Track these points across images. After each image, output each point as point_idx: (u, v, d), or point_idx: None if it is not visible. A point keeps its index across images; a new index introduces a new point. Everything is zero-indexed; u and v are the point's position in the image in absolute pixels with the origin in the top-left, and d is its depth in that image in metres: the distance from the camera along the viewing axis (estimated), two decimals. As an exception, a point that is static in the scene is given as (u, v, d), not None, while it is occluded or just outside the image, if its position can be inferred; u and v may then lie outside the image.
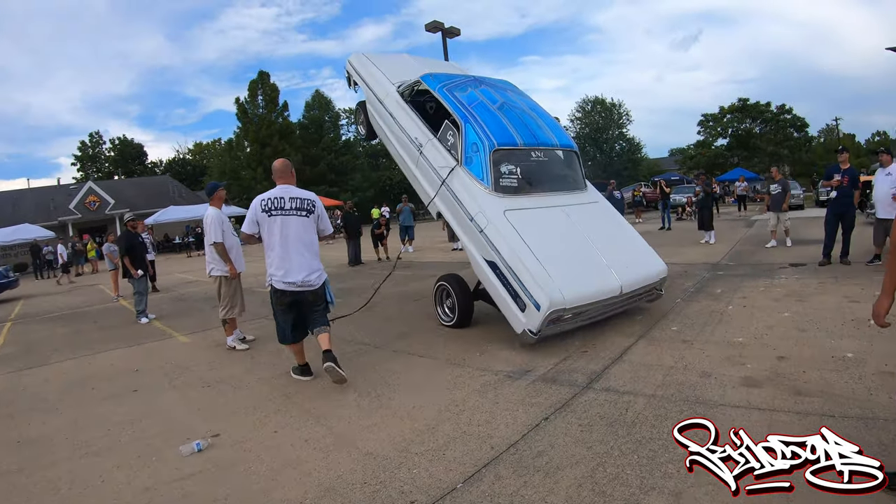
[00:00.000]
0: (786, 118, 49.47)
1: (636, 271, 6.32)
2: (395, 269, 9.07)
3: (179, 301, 12.20)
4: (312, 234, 5.02)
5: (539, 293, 5.26)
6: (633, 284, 6.09)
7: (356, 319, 7.76)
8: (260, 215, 4.86)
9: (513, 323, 5.64)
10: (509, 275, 5.57)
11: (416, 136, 7.35)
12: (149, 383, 5.76)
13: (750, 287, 7.97)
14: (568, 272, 5.62)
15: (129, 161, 63.81)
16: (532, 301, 5.31)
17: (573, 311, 5.50)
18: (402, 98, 7.93)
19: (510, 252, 5.62)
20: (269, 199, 4.89)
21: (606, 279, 5.87)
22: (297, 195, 4.95)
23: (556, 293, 5.26)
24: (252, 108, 46.16)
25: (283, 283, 4.85)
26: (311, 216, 4.98)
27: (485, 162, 6.33)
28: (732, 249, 12.54)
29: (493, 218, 5.94)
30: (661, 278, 6.69)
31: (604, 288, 5.80)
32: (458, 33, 21.33)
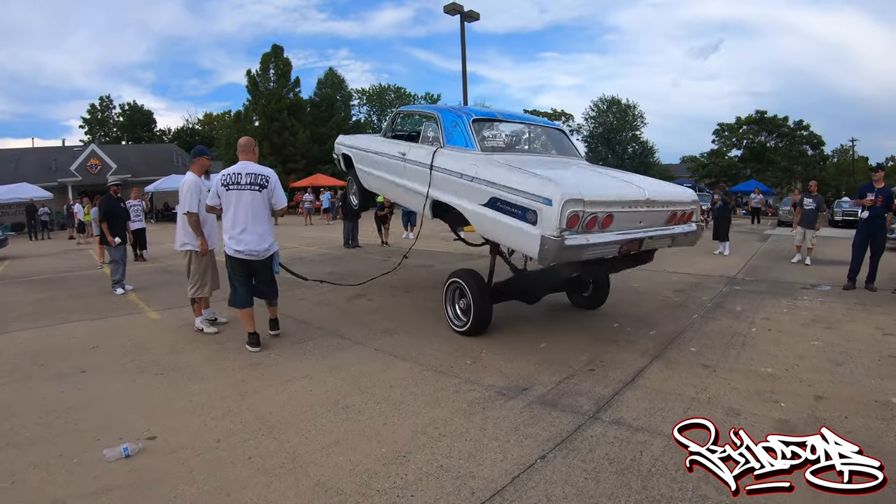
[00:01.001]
0: (802, 134, 48.67)
1: (662, 186, 5.91)
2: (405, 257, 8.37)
3: (163, 273, 11.59)
4: (263, 208, 5.36)
5: (548, 189, 4.54)
6: (659, 193, 5.48)
7: (340, 309, 7.23)
8: (220, 188, 5.28)
9: (529, 248, 4.72)
10: (512, 194, 4.87)
11: (399, 152, 7.01)
12: (101, 364, 5.17)
13: (772, 307, 7.40)
14: (579, 180, 5.18)
15: (138, 127, 63.22)
16: (542, 200, 4.53)
17: (594, 205, 4.67)
18: (386, 136, 7.88)
19: (507, 173, 5.11)
20: (229, 174, 5.30)
21: (628, 185, 5.39)
22: (253, 171, 5.35)
23: (568, 186, 4.59)
24: (263, 81, 45.28)
25: (233, 251, 5.28)
26: (263, 191, 5.33)
27: (466, 132, 6.06)
28: (748, 263, 11.99)
29: (483, 162, 5.54)
30: (693, 200, 5.96)
31: (627, 190, 5.23)
32: (478, 17, 20.76)
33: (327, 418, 3.84)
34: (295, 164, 43.27)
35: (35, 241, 24.58)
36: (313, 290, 7.99)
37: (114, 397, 4.32)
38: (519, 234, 4.82)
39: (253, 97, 45.13)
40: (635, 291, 8.40)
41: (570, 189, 4.55)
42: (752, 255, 13.52)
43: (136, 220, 13.93)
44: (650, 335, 5.98)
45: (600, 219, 4.77)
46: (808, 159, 48.89)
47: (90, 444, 3.46)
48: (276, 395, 4.27)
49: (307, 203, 29.79)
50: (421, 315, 6.84)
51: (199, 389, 4.42)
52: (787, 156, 48.05)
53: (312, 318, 6.86)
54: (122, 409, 4.05)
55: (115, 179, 9.73)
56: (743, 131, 50.56)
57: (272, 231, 5.52)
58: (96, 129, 62.22)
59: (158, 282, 10.27)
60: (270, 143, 42.17)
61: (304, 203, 29.97)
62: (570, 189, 4.55)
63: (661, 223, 5.56)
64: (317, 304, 7.72)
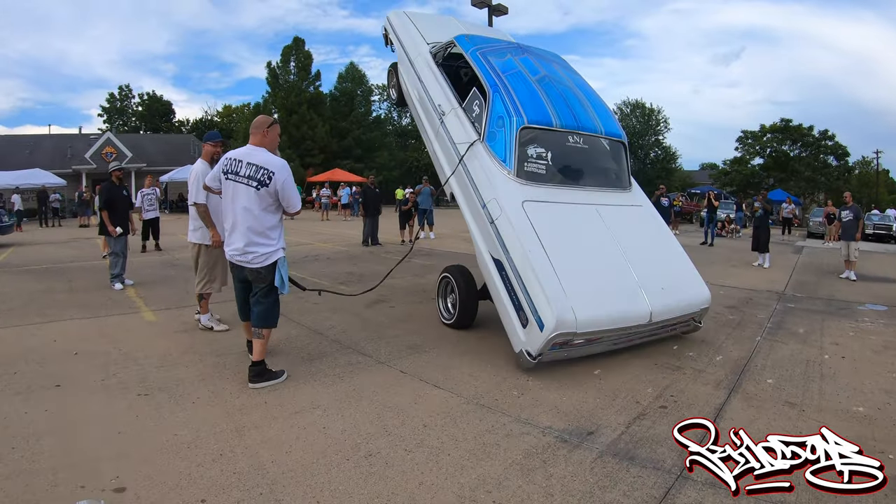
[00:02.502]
0: (827, 144, 47.63)
1: (672, 296, 5.27)
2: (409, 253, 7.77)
3: (169, 266, 10.85)
4: (260, 209, 4.19)
5: (546, 311, 4.40)
6: (665, 312, 5.09)
7: (359, 316, 6.45)
8: (220, 175, 4.33)
9: (511, 338, 4.83)
10: (515, 281, 4.76)
11: (439, 103, 6.59)
12: (80, 376, 4.40)
13: (836, 329, 6.72)
14: (587, 287, 4.78)
15: (156, 117, 62.94)
16: (536, 318, 4.46)
17: (585, 336, 4.58)
18: (434, 60, 7.18)
19: (521, 253, 4.79)
20: (230, 159, 4.29)
21: (634, 302, 4.92)
22: (256, 161, 4.20)
23: (567, 313, 4.38)
24: (283, 73, 44.81)
25: (227, 252, 4.39)
26: (262, 189, 4.15)
27: (510, 140, 5.50)
28: (793, 278, 11.28)
29: (508, 208, 5.11)
30: (703, 308, 5.63)
31: (629, 312, 4.86)
32: (506, 11, 20.11)
33: (345, 472, 2.97)
34: (313, 158, 42.84)
35: (45, 227, 24.10)
36: (327, 296, 7.20)
37: (84, 425, 3.52)
38: (505, 316, 4.91)
39: (273, 89, 44.86)
40: (684, 307, 7.55)
41: (566, 319, 4.36)
42: (794, 269, 12.87)
43: (150, 209, 13.43)
44: (717, 361, 5.24)
45: (588, 339, 4.72)
46: (832, 170, 47.78)
47: (43, 493, 2.69)
48: (280, 433, 3.43)
49: (324, 199, 29.06)
50: (449, 330, 6.06)
51: (187, 419, 3.60)
52: (810, 166, 47.02)
53: (327, 327, 6.06)
54: (91, 443, 3.26)
55: (117, 164, 8.94)
56: (767, 139, 49.38)
57: (272, 236, 4.24)
58: (115, 118, 62.06)
59: (162, 277, 9.54)
60: (289, 136, 41.77)
61: (322, 198, 29.25)
62: (566, 319, 4.36)
63: (655, 332, 5.39)
64: (332, 310, 6.91)
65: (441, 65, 7.14)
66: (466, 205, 5.78)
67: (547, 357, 4.56)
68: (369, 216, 15.27)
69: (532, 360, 4.51)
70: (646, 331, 5.14)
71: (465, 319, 6.04)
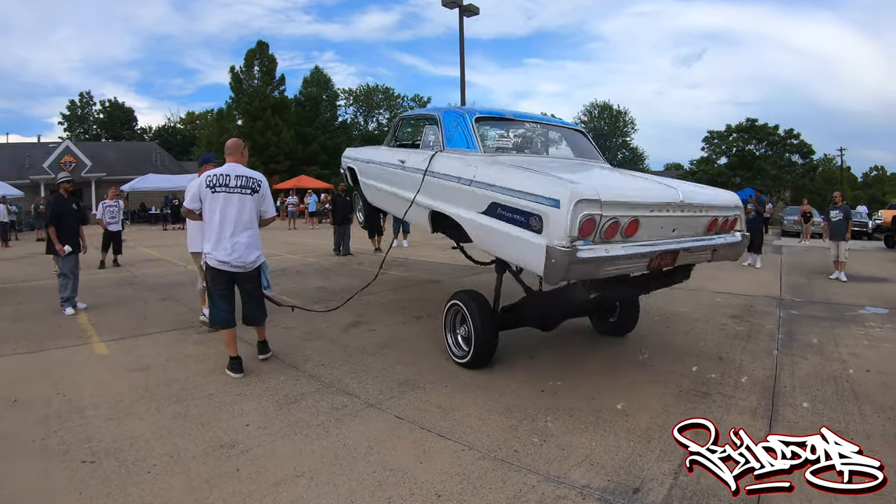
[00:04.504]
0: (792, 143, 48.36)
1: (698, 188, 5.09)
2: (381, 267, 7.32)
3: (127, 285, 9.95)
4: (253, 214, 4.89)
5: (555, 188, 3.80)
6: (696, 195, 4.63)
7: (337, 343, 5.80)
8: (204, 191, 4.74)
9: (534, 263, 3.89)
10: (513, 198, 4.11)
11: (399, 159, 6.41)
12: (13, 434, 3.65)
13: (847, 338, 6.37)
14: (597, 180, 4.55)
15: (118, 125, 61.99)
16: (548, 202, 3.77)
17: (614, 207, 3.84)
18: (390, 146, 7.27)
19: (509, 172, 4.41)
20: (216, 175, 4.79)
21: (656, 186, 4.64)
22: (243, 173, 4.88)
23: (580, 185, 3.81)
24: (247, 78, 43.63)
25: (217, 262, 4.72)
26: (254, 195, 4.87)
27: (468, 131, 5.38)
28: (784, 281, 10.99)
29: (483, 163, 4.87)
30: (736, 205, 5.06)
31: (656, 189, 4.48)
32: (477, 12, 19.73)
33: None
34: (278, 164, 41.95)
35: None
36: (300, 316, 6.51)
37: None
38: (521, 245, 4.05)
39: (236, 95, 43.73)
40: (686, 318, 7.15)
41: (582, 187, 3.77)
42: (782, 270, 12.56)
43: (113, 221, 12.67)
44: (743, 384, 4.75)
45: (623, 225, 3.93)
46: (797, 168, 48.51)
47: None
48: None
49: (291, 206, 28.14)
50: (443, 352, 5.40)
51: (140, 498, 2.88)
52: (776, 164, 47.66)
53: (303, 359, 5.35)
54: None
55: (66, 175, 8.10)
56: (733, 139, 49.99)
57: (259, 241, 4.96)
58: (76, 126, 60.99)
59: (118, 298, 8.66)
60: (253, 143, 40.69)
61: (288, 206, 28.30)
62: (582, 187, 3.77)
63: (699, 231, 4.70)
64: (306, 335, 6.20)
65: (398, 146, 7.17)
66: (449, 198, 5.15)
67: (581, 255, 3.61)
68: (338, 224, 14.61)
69: (566, 249, 3.57)
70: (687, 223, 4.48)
71: (484, 356, 5.00)
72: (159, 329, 6.47)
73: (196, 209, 4.82)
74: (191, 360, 5.31)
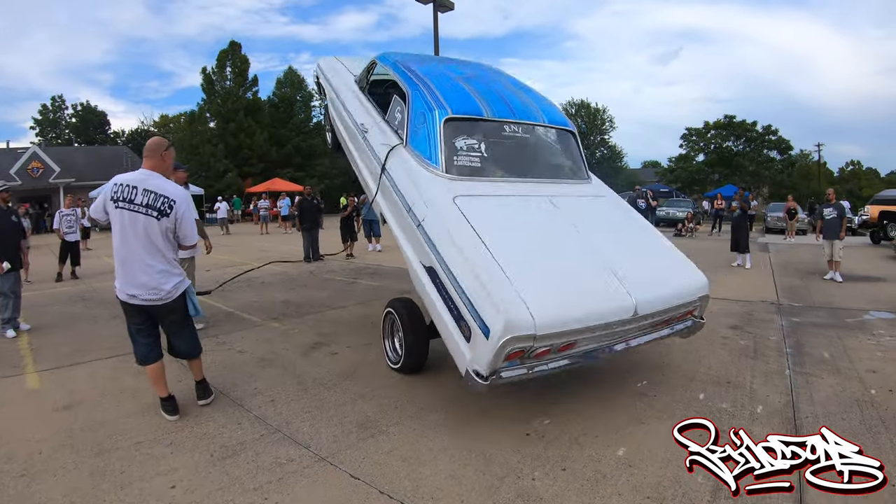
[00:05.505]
0: (770, 139, 48.44)
1: (660, 283, 4.26)
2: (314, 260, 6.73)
3: (79, 301, 9.12)
4: (162, 239, 3.91)
5: (489, 312, 3.35)
6: (653, 302, 4.01)
7: (293, 372, 5.07)
8: (108, 203, 3.87)
9: (455, 358, 3.75)
10: (451, 285, 3.74)
11: (362, 122, 5.97)
12: None
13: (859, 350, 5.89)
14: (546, 281, 3.74)
15: (91, 129, 60.22)
16: (479, 324, 3.40)
17: (551, 338, 3.46)
18: (359, 86, 6.77)
19: (454, 250, 3.86)
20: (122, 184, 3.89)
21: (610, 293, 3.87)
22: (154, 188, 3.88)
23: (519, 311, 3.32)
24: (219, 79, 42.48)
25: (125, 295, 3.92)
26: (162, 220, 3.86)
27: (433, 135, 4.75)
28: (777, 283, 10.53)
29: (437, 204, 4.28)
30: (700, 297, 4.50)
31: (605, 305, 3.77)
32: (452, 7, 19.00)
33: None
34: (251, 167, 41.11)
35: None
36: (255, 338, 5.75)
37: None
38: (447, 334, 3.85)
39: (208, 97, 42.65)
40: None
41: (519, 316, 3.29)
42: (772, 270, 12.17)
43: (70, 231, 11.87)
44: (759, 414, 4.16)
45: (557, 347, 3.63)
46: (775, 164, 48.75)
47: None
48: None
49: (263, 210, 27.25)
50: (410, 385, 4.70)
51: None
52: (754, 160, 47.87)
53: (251, 393, 4.59)
54: None
55: (2, 184, 7.26)
56: (711, 136, 49.94)
57: (177, 265, 4.06)
58: (48, 131, 59.32)
59: (66, 317, 7.84)
60: (226, 145, 40.03)
61: (260, 210, 27.41)
62: (519, 316, 3.29)
63: (649, 330, 4.33)
64: (260, 362, 5.44)
65: (368, 91, 6.59)
66: (393, 217, 4.96)
67: (505, 377, 3.45)
68: (307, 229, 13.90)
69: (483, 381, 3.37)
70: (633, 329, 4.08)
71: (415, 361, 4.93)
72: (100, 355, 5.74)
73: (102, 220, 4.01)
74: (126, 394, 4.58)
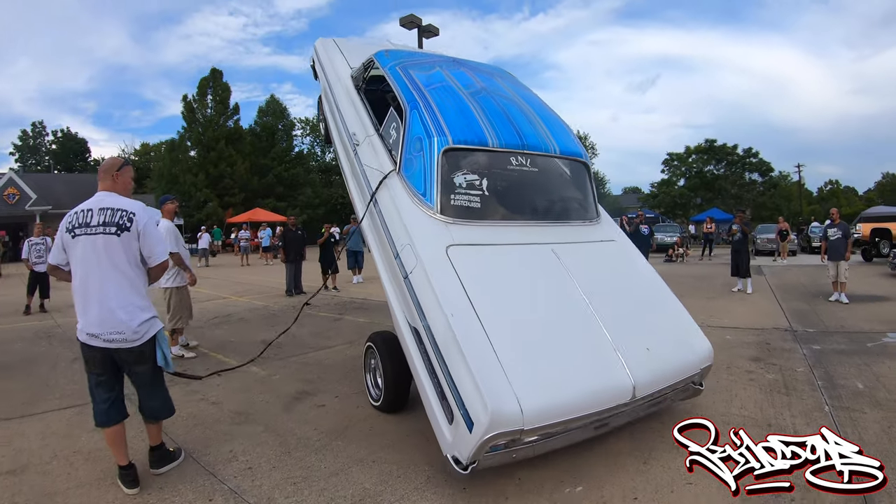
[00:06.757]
0: (751, 162, 48.65)
1: (662, 358, 3.85)
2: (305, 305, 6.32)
3: (44, 338, 8.40)
4: (127, 262, 3.39)
5: (475, 403, 3.01)
6: (654, 382, 3.67)
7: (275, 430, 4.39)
8: (65, 237, 3.41)
9: (438, 437, 3.37)
10: (436, 359, 3.38)
11: (354, 132, 5.54)
12: None
13: (891, 377, 5.54)
14: (540, 361, 3.38)
15: (71, 156, 60.09)
16: (462, 413, 3.08)
17: (540, 430, 3.15)
18: (354, 84, 6.19)
19: (442, 319, 3.41)
20: (76, 212, 3.47)
21: (609, 373, 3.51)
22: (110, 205, 3.43)
23: (507, 404, 3.00)
24: (200, 107, 41.93)
25: (85, 335, 3.33)
26: (123, 234, 3.35)
27: (430, 167, 4.30)
28: (784, 307, 10.13)
29: (426, 255, 3.83)
30: (704, 368, 4.18)
31: (603, 390, 3.43)
32: (437, 32, 18.94)
33: None
34: (232, 197, 40.46)
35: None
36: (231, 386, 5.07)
37: None
38: (430, 410, 3.47)
39: (189, 124, 42.09)
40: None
41: (507, 411, 2.97)
42: (774, 295, 11.80)
43: (39, 261, 11.13)
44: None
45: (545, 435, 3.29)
46: (756, 186, 49.00)
47: None
48: None
49: (243, 241, 26.47)
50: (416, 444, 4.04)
51: None
52: (735, 184, 47.99)
53: (226, 458, 3.88)
54: None
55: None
56: (692, 160, 50.18)
57: (147, 299, 3.50)
58: (28, 157, 59.30)
59: (28, 357, 7.18)
60: (207, 175, 39.39)
61: (241, 241, 26.65)
62: (507, 411, 2.97)
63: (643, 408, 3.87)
64: (237, 416, 4.73)
65: (364, 90, 6.03)
66: (380, 255, 4.55)
67: (486, 464, 3.13)
68: (290, 261, 13.28)
69: (463, 470, 3.06)
70: (628, 410, 3.64)
71: (395, 400, 4.58)
72: (56, 404, 5.13)
73: (62, 263, 3.47)
74: (80, 457, 3.92)
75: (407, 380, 4.36)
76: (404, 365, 4.09)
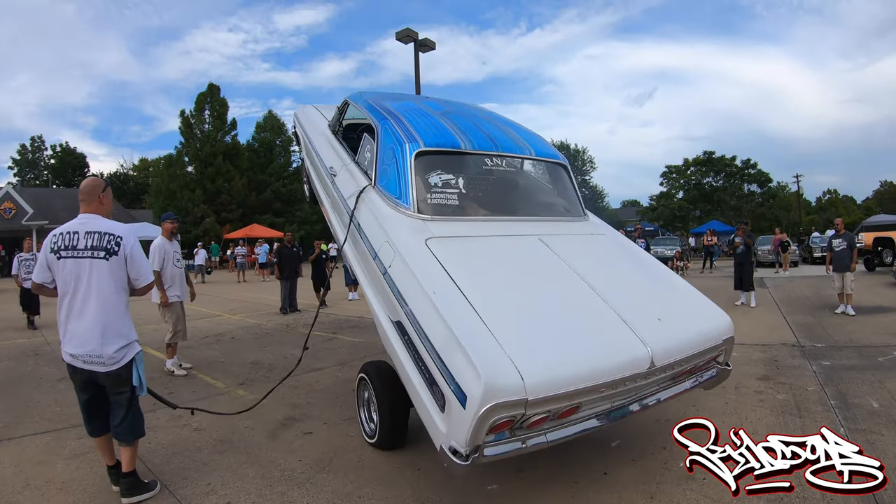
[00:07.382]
0: (750, 173, 48.90)
1: (677, 327, 3.56)
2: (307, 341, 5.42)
3: (30, 357, 8.17)
4: (112, 286, 3.41)
5: (464, 370, 2.68)
6: (672, 351, 3.30)
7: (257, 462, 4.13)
8: (49, 257, 3.41)
9: (431, 433, 3.02)
10: (421, 343, 3.08)
11: (331, 165, 5.51)
12: None
13: None
14: (536, 328, 3.10)
15: (70, 171, 60.03)
16: (453, 387, 2.72)
17: (547, 403, 2.75)
18: (331, 130, 6.31)
19: (424, 299, 3.17)
20: (61, 233, 3.45)
21: (620, 342, 3.19)
22: (96, 228, 3.43)
23: (502, 368, 2.66)
24: (198, 123, 41.78)
25: (68, 356, 3.38)
26: (111, 259, 3.40)
27: (403, 171, 4.18)
28: (791, 321, 9.89)
29: (404, 248, 3.65)
30: (725, 339, 3.85)
31: (615, 358, 3.07)
32: (433, 47, 18.80)
33: None
34: (230, 213, 40.25)
35: None
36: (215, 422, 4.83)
37: None
38: (418, 402, 3.16)
39: (186, 140, 41.88)
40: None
41: (505, 378, 2.63)
42: (778, 308, 11.58)
43: (29, 278, 10.76)
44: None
45: (555, 413, 2.93)
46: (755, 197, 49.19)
47: None
48: None
49: (240, 258, 26.24)
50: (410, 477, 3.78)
51: None
52: (734, 195, 48.18)
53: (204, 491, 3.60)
54: None
55: None
56: (691, 172, 50.34)
57: (128, 324, 3.48)
58: (26, 171, 59.76)
59: (12, 377, 6.95)
60: (204, 191, 39.24)
61: (237, 257, 26.42)
62: (505, 378, 2.63)
63: (668, 384, 3.67)
64: (219, 444, 4.46)
65: (343, 137, 6.01)
66: (360, 267, 4.38)
67: (490, 455, 2.75)
68: (285, 278, 13.05)
69: (462, 462, 2.65)
70: (650, 385, 3.40)
71: (392, 436, 4.16)
72: (35, 428, 4.94)
73: (47, 282, 3.49)
74: (54, 486, 3.72)
75: (405, 411, 4.05)
76: (401, 395, 3.75)
